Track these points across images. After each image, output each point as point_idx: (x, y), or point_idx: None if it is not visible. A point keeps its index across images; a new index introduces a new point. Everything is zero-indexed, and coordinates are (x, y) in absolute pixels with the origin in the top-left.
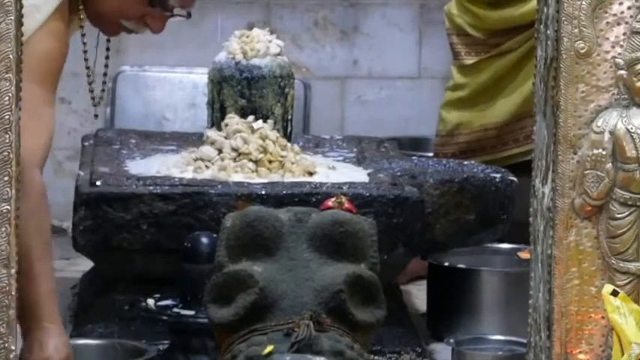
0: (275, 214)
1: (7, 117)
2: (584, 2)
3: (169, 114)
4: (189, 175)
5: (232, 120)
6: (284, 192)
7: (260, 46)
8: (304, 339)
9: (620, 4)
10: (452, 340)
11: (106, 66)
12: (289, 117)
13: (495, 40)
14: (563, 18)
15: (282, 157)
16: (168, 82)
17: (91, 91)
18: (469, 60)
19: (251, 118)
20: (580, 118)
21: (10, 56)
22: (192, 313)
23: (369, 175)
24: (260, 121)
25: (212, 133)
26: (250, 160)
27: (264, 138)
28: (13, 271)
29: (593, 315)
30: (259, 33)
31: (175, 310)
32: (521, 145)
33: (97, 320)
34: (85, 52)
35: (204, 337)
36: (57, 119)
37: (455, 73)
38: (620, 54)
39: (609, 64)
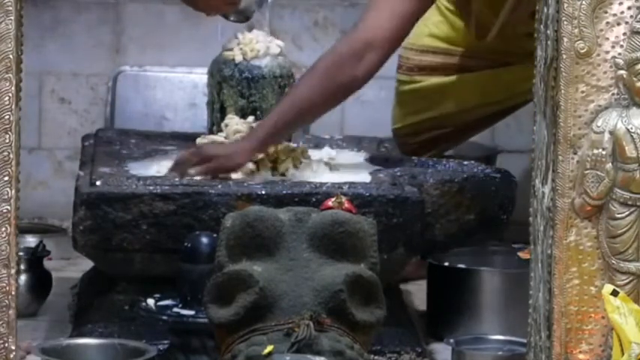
0: (275, 214)
1: (7, 117)
2: (584, 2)
3: (169, 114)
4: None
5: (232, 120)
6: (284, 192)
7: (260, 47)
8: (304, 339)
9: (620, 4)
10: (452, 340)
11: None
12: None
13: None
14: (563, 18)
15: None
16: (168, 82)
17: None
18: None
19: (251, 118)
20: (580, 118)
21: (10, 56)
22: (192, 313)
23: (369, 174)
24: None
25: (204, 140)
26: (250, 160)
27: None
28: (13, 271)
29: (593, 315)
30: (259, 33)
31: (175, 310)
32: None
33: (97, 320)
34: None
35: (204, 337)
36: (57, 119)
37: None
38: (620, 54)
39: (609, 64)
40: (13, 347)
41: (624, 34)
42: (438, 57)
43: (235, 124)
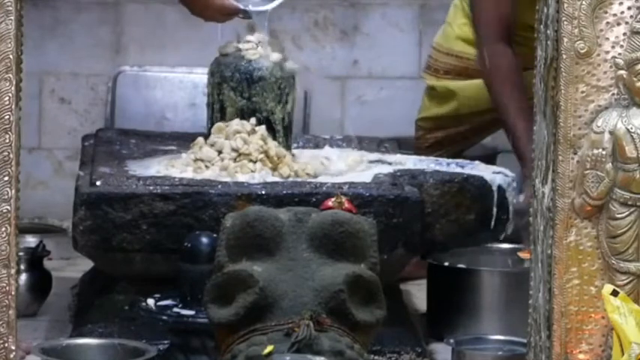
0: (275, 214)
1: (7, 117)
2: (584, 2)
3: (169, 114)
4: (189, 175)
5: (232, 122)
6: (284, 192)
7: (260, 48)
8: (304, 339)
9: (620, 4)
10: (452, 340)
11: None
12: (290, 118)
13: None
14: (563, 18)
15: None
16: (168, 82)
17: None
18: None
19: (253, 120)
20: (580, 118)
21: (10, 56)
22: (192, 313)
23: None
24: (263, 127)
25: (202, 141)
26: (250, 160)
27: (264, 139)
28: (13, 271)
29: (593, 315)
30: (259, 35)
31: (175, 310)
32: None
33: (97, 320)
34: None
35: (204, 337)
36: (57, 119)
37: None
38: (620, 54)
39: (609, 64)
40: (13, 347)
41: (624, 34)
42: (462, 62)
43: (235, 125)
